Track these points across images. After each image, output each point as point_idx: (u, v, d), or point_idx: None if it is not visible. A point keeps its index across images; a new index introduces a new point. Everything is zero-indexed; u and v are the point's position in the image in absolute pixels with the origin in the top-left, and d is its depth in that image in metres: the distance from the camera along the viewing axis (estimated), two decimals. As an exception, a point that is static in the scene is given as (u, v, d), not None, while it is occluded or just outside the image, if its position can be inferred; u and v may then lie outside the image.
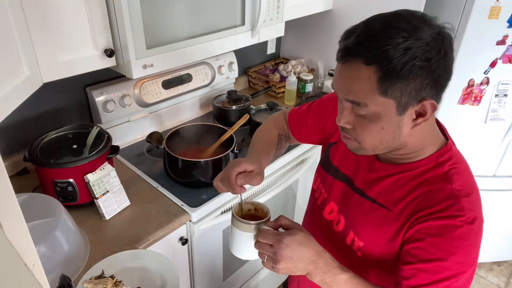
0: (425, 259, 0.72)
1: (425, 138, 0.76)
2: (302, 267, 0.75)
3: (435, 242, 0.71)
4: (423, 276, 0.72)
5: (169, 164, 1.44)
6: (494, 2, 1.56)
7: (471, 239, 0.71)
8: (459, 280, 0.71)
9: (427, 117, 0.70)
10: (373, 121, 0.70)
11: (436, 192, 0.74)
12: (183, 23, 1.29)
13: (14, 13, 0.91)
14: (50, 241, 0.99)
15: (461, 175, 0.75)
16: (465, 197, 0.72)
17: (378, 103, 0.67)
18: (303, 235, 0.76)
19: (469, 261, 0.72)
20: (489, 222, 2.26)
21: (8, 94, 0.86)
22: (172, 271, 1.03)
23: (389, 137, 0.72)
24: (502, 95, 1.78)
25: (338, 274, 0.75)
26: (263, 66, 2.22)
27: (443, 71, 0.67)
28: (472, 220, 0.71)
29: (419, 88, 0.66)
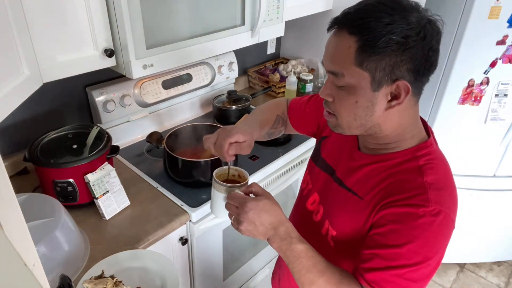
0: (383, 245, 0.72)
1: (403, 128, 0.76)
2: (262, 231, 0.78)
3: (394, 229, 0.72)
4: (378, 261, 0.72)
5: (169, 164, 1.44)
6: (494, 2, 1.56)
7: (432, 232, 0.70)
8: (414, 272, 0.70)
9: (401, 100, 0.70)
10: (349, 94, 0.72)
11: (406, 182, 0.74)
12: (183, 23, 1.29)
13: (14, 13, 0.91)
14: (50, 241, 0.99)
15: (436, 171, 0.75)
16: (434, 191, 0.72)
17: (354, 74, 0.69)
18: (267, 202, 0.79)
19: (427, 253, 0.70)
20: (489, 222, 2.27)
21: (8, 94, 0.86)
22: (172, 271, 1.03)
23: (362, 113, 0.73)
24: (502, 95, 1.78)
25: (294, 244, 0.77)
26: (263, 66, 2.22)
27: (420, 54, 0.67)
28: (437, 213, 0.70)
29: (393, 65, 0.67)
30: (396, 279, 0.70)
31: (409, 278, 0.70)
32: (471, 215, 2.14)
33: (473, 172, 2.01)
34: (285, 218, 0.80)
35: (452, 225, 0.73)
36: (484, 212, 2.13)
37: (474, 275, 2.37)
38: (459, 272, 2.38)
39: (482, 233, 2.23)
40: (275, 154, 1.64)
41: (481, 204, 2.10)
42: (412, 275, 0.70)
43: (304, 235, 0.82)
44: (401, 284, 0.70)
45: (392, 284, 0.70)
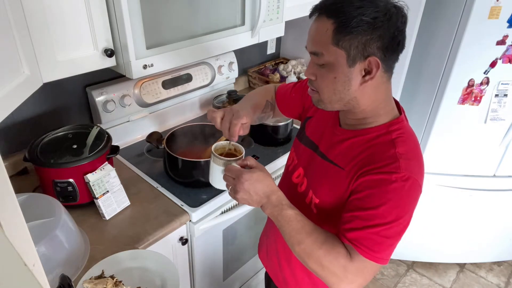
0: (361, 207, 0.82)
1: (377, 104, 0.86)
2: (256, 199, 0.88)
3: (370, 193, 0.81)
4: (358, 222, 0.81)
5: (169, 164, 1.44)
6: (494, 2, 1.56)
7: (403, 194, 0.80)
8: (389, 229, 0.80)
9: (373, 74, 0.79)
10: (328, 71, 0.82)
11: (381, 152, 0.84)
12: (183, 23, 1.29)
13: (14, 13, 0.91)
14: (50, 241, 0.99)
15: (406, 143, 0.85)
16: (404, 160, 0.81)
17: (332, 52, 0.79)
18: (261, 173, 0.88)
19: (399, 213, 0.80)
20: (489, 222, 2.27)
21: (8, 94, 0.86)
22: (172, 271, 1.03)
23: (341, 87, 0.82)
24: (502, 95, 1.78)
25: (285, 210, 0.86)
26: (263, 66, 2.22)
27: (388, 34, 0.77)
28: (406, 179, 0.80)
29: (365, 43, 0.76)
30: (373, 236, 0.80)
31: (384, 235, 0.80)
32: (471, 215, 2.14)
33: (473, 172, 2.01)
34: (277, 188, 0.90)
35: (419, 190, 0.83)
36: (484, 212, 2.13)
37: (474, 275, 2.37)
38: (459, 272, 2.38)
39: (482, 233, 2.23)
40: (275, 154, 1.64)
41: (481, 204, 2.10)
42: (386, 233, 0.80)
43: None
44: (377, 240, 0.80)
45: (370, 240, 0.80)
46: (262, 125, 1.67)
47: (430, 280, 2.32)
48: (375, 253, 0.80)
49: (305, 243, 0.84)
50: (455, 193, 2.06)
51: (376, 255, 0.80)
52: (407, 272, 2.37)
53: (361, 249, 0.80)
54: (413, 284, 2.30)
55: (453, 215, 2.14)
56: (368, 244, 0.80)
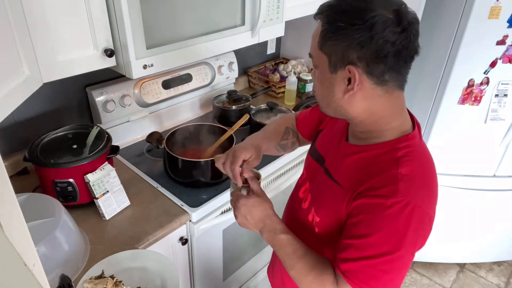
0: (355, 234, 0.76)
1: (378, 118, 0.79)
2: (253, 223, 0.91)
3: (364, 218, 0.75)
4: (352, 251, 0.75)
5: (169, 164, 1.44)
6: (494, 2, 1.56)
7: (400, 222, 0.72)
8: (386, 263, 0.73)
9: (352, 85, 0.74)
10: (318, 74, 0.81)
11: (381, 172, 0.76)
12: (183, 23, 1.29)
13: (14, 13, 0.91)
14: (50, 241, 0.99)
15: (412, 163, 0.76)
16: (405, 182, 0.73)
17: (317, 56, 0.78)
18: (257, 199, 0.91)
19: (396, 244, 0.72)
20: (489, 222, 2.27)
21: (8, 94, 0.86)
22: (172, 271, 1.03)
23: (325, 92, 0.80)
24: (502, 95, 1.78)
25: (278, 234, 0.87)
26: (263, 66, 2.22)
27: (368, 42, 0.70)
28: (405, 204, 0.71)
29: (344, 50, 0.72)
30: (367, 269, 0.74)
31: (381, 269, 0.73)
32: (471, 215, 2.14)
33: (473, 172, 2.01)
34: (273, 213, 0.91)
35: (425, 218, 0.74)
36: (484, 212, 2.13)
37: (474, 275, 2.37)
38: (459, 272, 2.38)
39: (482, 233, 2.23)
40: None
41: (481, 204, 2.10)
42: (384, 266, 0.73)
43: (293, 222, 0.97)
44: (372, 274, 0.73)
45: (364, 274, 0.74)
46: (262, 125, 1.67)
47: (430, 280, 2.32)
48: (369, 286, 0.74)
49: (295, 268, 0.84)
50: (455, 193, 2.06)
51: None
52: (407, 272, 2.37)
53: (354, 282, 0.74)
54: (413, 284, 2.30)
55: (453, 215, 2.14)
56: (362, 278, 0.74)
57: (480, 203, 2.09)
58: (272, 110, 1.82)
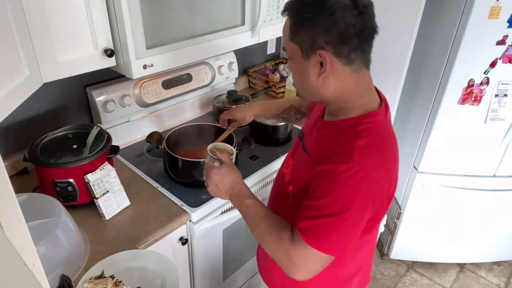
0: (313, 196, 0.85)
1: (347, 96, 0.88)
2: (224, 191, 1.01)
3: (322, 182, 0.84)
4: (309, 211, 0.84)
5: (169, 164, 1.44)
6: (494, 2, 1.56)
7: (349, 186, 0.80)
8: (337, 222, 0.81)
9: (325, 67, 0.83)
10: (293, 63, 0.90)
11: (342, 143, 0.85)
12: (183, 23, 1.29)
13: (14, 13, 0.91)
14: (50, 241, 0.99)
15: (370, 136, 0.84)
16: (359, 152, 0.81)
17: (290, 47, 0.87)
18: (228, 169, 1.01)
19: (346, 206, 0.80)
20: (489, 222, 2.27)
21: (8, 94, 0.86)
22: (172, 271, 1.03)
23: (302, 79, 0.89)
24: (502, 95, 1.78)
25: (245, 199, 0.97)
26: (263, 66, 2.22)
27: (332, 27, 0.79)
28: (356, 171, 0.79)
29: (312, 38, 0.81)
30: (320, 226, 0.82)
31: (331, 228, 0.81)
32: (471, 215, 2.14)
33: (473, 172, 2.01)
34: (241, 181, 1.01)
35: (375, 186, 0.81)
36: (484, 212, 2.13)
37: (474, 275, 2.37)
38: (459, 272, 2.38)
39: (482, 233, 2.23)
40: (275, 154, 1.64)
41: (481, 204, 2.10)
42: (334, 225, 0.81)
43: (277, 196, 1.09)
44: (323, 230, 0.82)
45: (315, 230, 0.82)
46: (262, 125, 1.67)
47: (430, 280, 2.32)
48: (320, 242, 0.81)
49: (258, 228, 0.93)
50: (455, 193, 2.06)
51: (321, 244, 0.82)
52: (407, 272, 2.37)
53: (307, 236, 0.82)
54: (413, 284, 2.30)
55: (453, 215, 2.14)
56: (314, 233, 0.82)
57: (480, 203, 2.09)
58: (272, 110, 1.82)
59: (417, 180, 2.06)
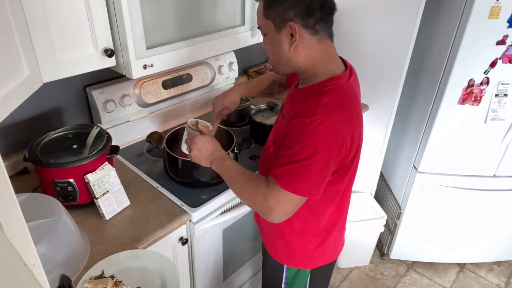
0: (285, 146, 0.97)
1: (315, 64, 1.02)
2: (205, 156, 1.13)
3: (291, 134, 0.97)
4: (281, 159, 0.97)
5: (169, 164, 1.44)
6: (494, 2, 1.56)
7: (315, 135, 0.92)
8: (305, 166, 0.93)
9: (295, 37, 0.97)
10: (267, 39, 1.03)
11: (309, 102, 0.98)
12: (183, 23, 1.29)
13: (14, 13, 0.91)
14: (50, 241, 0.99)
15: (333, 95, 0.97)
16: (323, 107, 0.94)
17: (264, 23, 1.01)
18: (209, 137, 1.15)
19: (313, 152, 0.92)
20: (489, 222, 2.27)
21: (8, 94, 0.86)
22: (172, 271, 1.03)
23: (276, 50, 1.02)
24: (502, 95, 1.78)
25: (225, 161, 1.10)
26: (263, 66, 2.22)
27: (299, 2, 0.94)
28: (320, 122, 0.92)
29: (283, 12, 0.96)
30: (290, 171, 0.94)
31: (300, 171, 0.94)
32: (471, 215, 2.14)
33: (473, 172, 2.01)
34: (220, 148, 1.14)
35: (336, 134, 0.94)
36: (484, 212, 2.13)
37: (474, 275, 2.37)
38: (459, 272, 2.38)
39: (482, 233, 2.23)
40: (275, 154, 1.64)
41: (481, 204, 2.10)
42: (303, 169, 0.93)
43: (262, 161, 1.25)
44: (293, 174, 0.94)
45: (287, 174, 0.95)
46: (262, 125, 1.68)
47: (430, 280, 2.32)
48: (290, 184, 0.94)
49: (238, 183, 1.06)
50: (455, 193, 2.06)
51: (292, 186, 0.94)
52: (407, 272, 2.37)
53: (280, 180, 0.95)
54: (413, 284, 2.30)
55: (453, 215, 2.14)
56: (286, 177, 0.95)
57: (480, 203, 2.09)
58: (272, 110, 1.82)
59: (417, 180, 2.06)
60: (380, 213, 2.20)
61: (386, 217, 2.19)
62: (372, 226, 2.17)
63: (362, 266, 2.39)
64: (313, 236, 1.18)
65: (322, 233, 1.19)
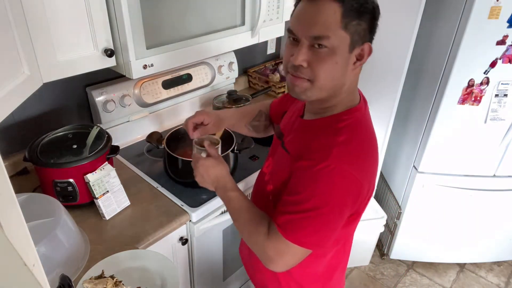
0: (290, 192, 0.85)
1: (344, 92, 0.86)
2: (209, 181, 1.02)
3: (298, 178, 0.84)
4: (287, 206, 0.84)
5: (169, 164, 1.44)
6: (494, 2, 1.56)
7: (328, 183, 0.80)
8: (315, 217, 0.81)
9: (364, 60, 0.82)
10: (330, 55, 0.79)
11: (321, 139, 0.85)
12: (183, 23, 1.29)
13: (14, 13, 0.91)
14: (50, 241, 0.99)
15: (350, 132, 0.84)
16: (338, 148, 0.81)
17: (338, 36, 0.77)
18: (214, 161, 1.02)
19: (323, 201, 0.80)
20: (489, 222, 2.27)
21: (8, 94, 0.86)
22: (172, 271, 1.03)
23: (339, 73, 0.81)
24: (502, 95, 1.78)
25: (229, 191, 0.98)
26: (263, 66, 2.22)
27: (376, 17, 0.80)
28: (333, 168, 0.79)
29: (366, 29, 0.79)
30: (296, 220, 0.82)
31: (307, 222, 0.82)
32: (471, 215, 2.14)
33: (473, 172, 2.01)
34: (226, 173, 1.02)
35: (352, 181, 0.81)
36: (484, 212, 2.13)
37: (474, 275, 2.37)
38: (459, 272, 2.38)
39: (482, 233, 2.23)
40: (275, 154, 1.64)
41: (481, 204, 2.10)
42: (309, 220, 0.81)
43: (257, 194, 1.08)
44: (300, 224, 0.82)
45: (292, 224, 0.83)
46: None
47: (430, 280, 2.32)
48: (295, 235, 0.82)
49: (239, 220, 0.95)
50: (455, 193, 2.06)
51: (296, 237, 0.82)
52: (407, 272, 2.37)
53: (283, 229, 0.83)
54: (413, 284, 2.30)
55: (453, 215, 2.14)
56: (290, 227, 0.83)
57: (480, 203, 2.09)
58: (272, 110, 1.82)
59: (417, 180, 2.05)
60: (380, 213, 2.20)
61: (386, 217, 2.19)
62: (372, 226, 2.17)
63: (362, 266, 2.39)
64: (311, 282, 1.06)
65: (321, 278, 1.07)
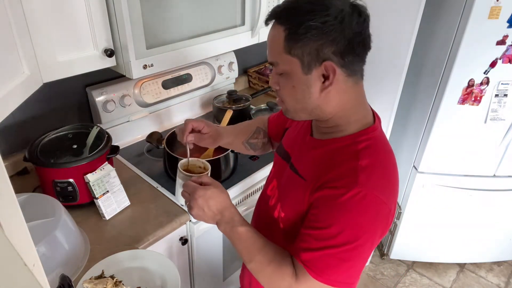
0: (314, 225, 0.77)
1: (346, 110, 0.80)
2: (210, 215, 0.87)
3: (323, 210, 0.76)
4: (311, 241, 0.76)
5: (169, 164, 1.44)
6: (494, 2, 1.56)
7: (357, 213, 0.73)
8: (345, 252, 0.74)
9: (331, 80, 0.75)
10: (286, 80, 0.78)
11: (341, 165, 0.78)
12: (183, 23, 1.29)
13: (14, 13, 0.91)
14: (50, 241, 0.99)
15: (372, 155, 0.78)
16: (365, 174, 0.74)
17: (285, 61, 0.75)
18: (215, 190, 0.87)
19: (355, 234, 0.74)
20: (489, 222, 2.27)
21: (8, 94, 0.86)
22: (172, 271, 1.03)
23: (301, 96, 0.78)
24: (502, 95, 1.78)
25: (236, 226, 0.85)
26: (263, 66, 2.22)
27: (341, 37, 0.72)
28: (363, 196, 0.73)
29: (317, 49, 0.72)
30: (327, 258, 0.74)
31: (340, 258, 0.74)
32: (471, 215, 2.14)
33: (473, 172, 2.00)
34: (230, 204, 0.88)
35: (384, 209, 0.75)
36: (484, 212, 2.13)
37: (474, 275, 2.37)
38: (459, 272, 2.38)
39: (482, 233, 2.23)
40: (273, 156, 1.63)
41: (481, 204, 2.10)
42: (343, 255, 0.74)
43: (260, 219, 0.98)
44: (331, 262, 0.74)
45: (323, 263, 0.75)
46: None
47: (430, 280, 2.32)
48: (330, 276, 0.75)
49: (254, 260, 0.83)
50: (455, 193, 2.06)
51: (331, 278, 0.75)
52: (407, 272, 2.37)
53: (313, 271, 0.75)
54: (413, 284, 2.30)
55: (453, 215, 2.14)
56: (320, 266, 0.75)
57: (480, 203, 2.09)
58: (272, 110, 1.82)
59: (417, 180, 2.05)
60: (380, 213, 2.20)
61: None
62: (372, 226, 2.17)
63: (362, 266, 2.39)
64: None
65: None
